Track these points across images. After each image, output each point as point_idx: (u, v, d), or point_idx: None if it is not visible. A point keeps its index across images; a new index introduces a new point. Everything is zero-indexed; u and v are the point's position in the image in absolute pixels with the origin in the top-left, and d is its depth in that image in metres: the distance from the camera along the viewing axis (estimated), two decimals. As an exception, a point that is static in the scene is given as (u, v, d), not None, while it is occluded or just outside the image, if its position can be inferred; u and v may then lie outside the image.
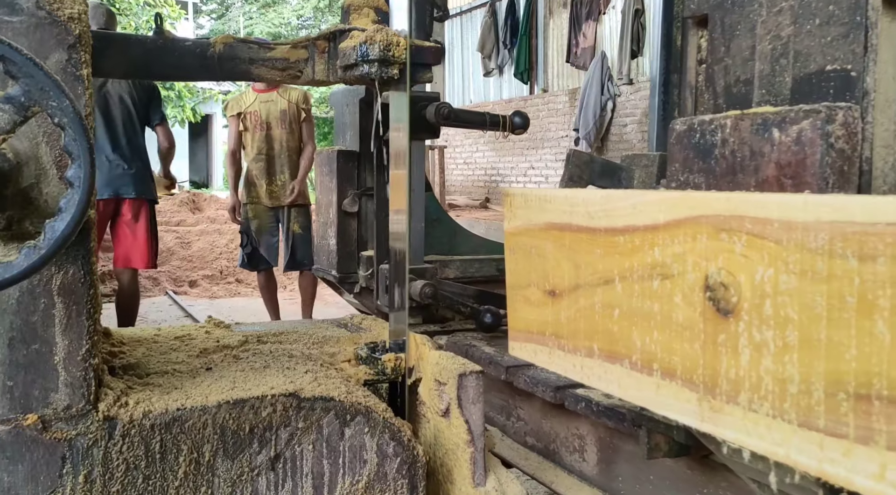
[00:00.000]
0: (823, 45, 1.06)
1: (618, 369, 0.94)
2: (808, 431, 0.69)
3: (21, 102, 0.92)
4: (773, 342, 0.72)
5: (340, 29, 1.78)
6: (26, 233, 1.13)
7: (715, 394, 0.79)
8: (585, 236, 0.99)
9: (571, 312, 1.03)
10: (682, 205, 0.82)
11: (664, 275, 0.85)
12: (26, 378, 1.15)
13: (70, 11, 1.15)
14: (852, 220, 0.64)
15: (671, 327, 0.84)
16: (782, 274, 0.71)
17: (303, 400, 1.36)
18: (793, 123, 0.92)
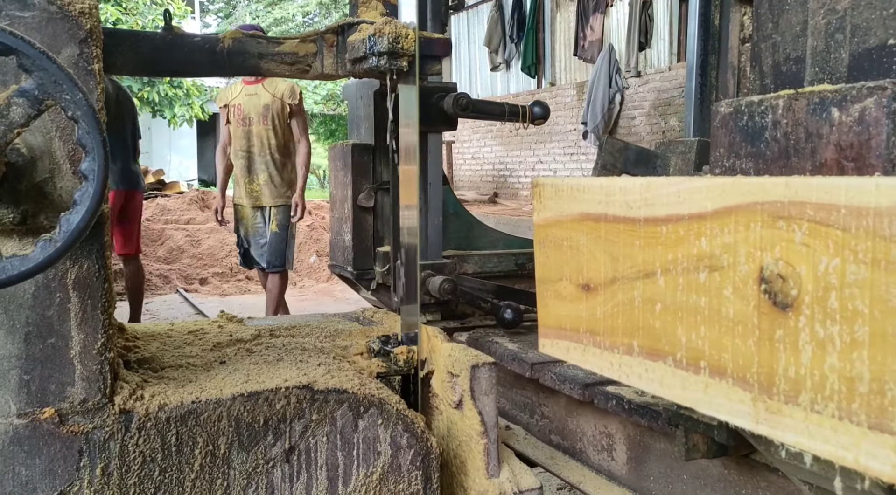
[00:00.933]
0: (886, 18, 0.99)
1: (660, 367, 0.89)
2: (881, 434, 0.65)
3: (35, 96, 0.92)
4: (840, 338, 0.68)
5: (349, 22, 1.78)
6: (41, 227, 1.14)
7: (772, 394, 0.75)
8: (623, 227, 0.94)
9: (608, 307, 0.99)
10: (734, 192, 0.78)
11: (713, 267, 0.81)
12: (43, 372, 1.16)
13: (81, 6, 1.15)
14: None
15: (721, 322, 0.80)
16: (850, 264, 0.66)
17: (316, 392, 1.36)
18: (855, 102, 0.86)
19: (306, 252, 7.68)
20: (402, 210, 1.73)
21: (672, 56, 8.95)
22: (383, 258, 2.30)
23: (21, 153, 1.07)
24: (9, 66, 1.11)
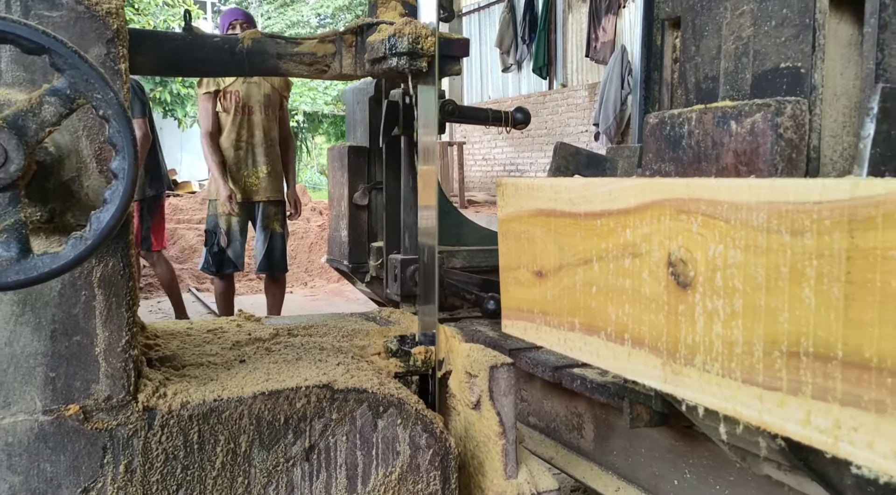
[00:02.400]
0: (778, 45, 1.17)
1: (596, 340, 1.03)
2: (750, 386, 0.78)
3: (67, 95, 0.93)
4: (723, 310, 0.81)
5: (368, 22, 1.79)
6: (68, 225, 1.14)
7: (676, 358, 0.88)
8: (568, 220, 1.08)
9: (556, 291, 1.12)
10: (650, 191, 0.91)
11: (634, 254, 0.94)
12: (68, 369, 1.17)
13: (108, 6, 1.16)
14: (786, 200, 0.73)
15: (640, 301, 0.94)
16: (730, 249, 0.80)
17: (336, 391, 1.36)
18: (747, 116, 1.02)
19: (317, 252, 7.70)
20: (420, 210, 1.74)
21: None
22: (376, 253, 2.41)
23: (49, 152, 1.08)
24: (37, 64, 1.12)
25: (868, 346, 0.66)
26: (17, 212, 0.94)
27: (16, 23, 0.89)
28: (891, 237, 0.63)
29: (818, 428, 0.71)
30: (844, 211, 0.67)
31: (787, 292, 0.73)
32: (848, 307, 0.67)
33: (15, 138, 0.92)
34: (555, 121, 11.17)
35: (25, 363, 1.15)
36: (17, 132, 0.93)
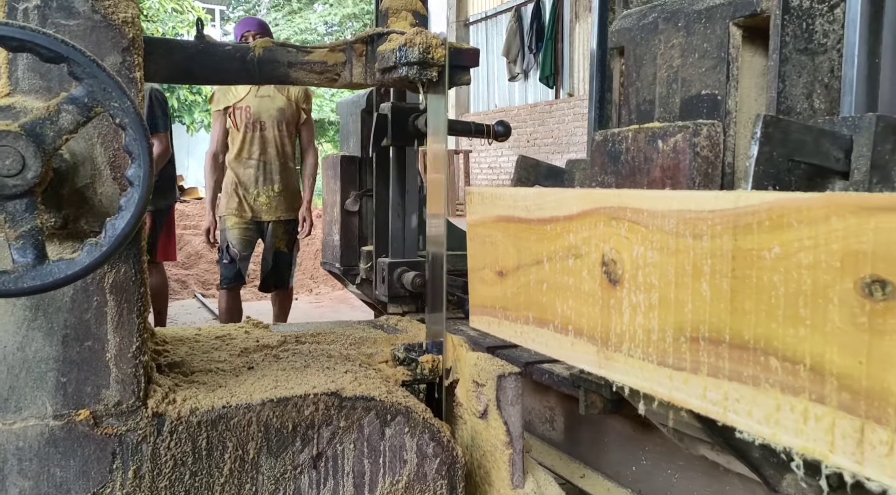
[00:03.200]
0: (700, 74, 1.34)
1: (546, 332, 1.15)
2: (663, 368, 0.90)
3: (84, 103, 0.94)
4: (643, 303, 0.93)
5: (378, 32, 1.80)
6: (81, 231, 1.15)
7: (608, 346, 1.01)
8: (525, 226, 1.20)
9: (514, 288, 1.24)
10: (589, 199, 1.04)
11: (577, 255, 1.07)
12: (79, 374, 1.18)
13: (124, 15, 1.17)
14: (689, 209, 0.85)
15: (581, 296, 1.06)
16: (649, 251, 0.92)
17: (344, 399, 1.37)
18: (671, 136, 1.15)
19: (323, 259, 7.71)
20: (429, 219, 1.74)
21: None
22: (366, 256, 2.51)
23: (64, 159, 1.09)
24: (53, 72, 1.14)
25: (747, 331, 0.78)
26: (33, 218, 0.95)
27: (35, 31, 0.90)
28: (764, 240, 0.76)
29: (712, 400, 0.84)
30: (730, 218, 0.80)
31: (690, 287, 0.86)
32: (733, 298, 0.80)
33: (33, 146, 0.93)
34: (561, 130, 11.19)
35: (37, 368, 1.16)
36: (35, 140, 0.94)
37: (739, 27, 1.28)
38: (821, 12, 1.17)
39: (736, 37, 1.27)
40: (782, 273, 0.74)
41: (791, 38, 1.16)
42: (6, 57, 1.11)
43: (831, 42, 1.18)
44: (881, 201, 0.65)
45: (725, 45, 1.27)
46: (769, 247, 0.75)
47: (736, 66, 1.27)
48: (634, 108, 1.46)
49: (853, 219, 0.67)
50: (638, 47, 1.46)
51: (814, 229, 0.71)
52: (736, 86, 1.27)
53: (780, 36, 1.16)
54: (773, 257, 0.75)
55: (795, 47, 1.16)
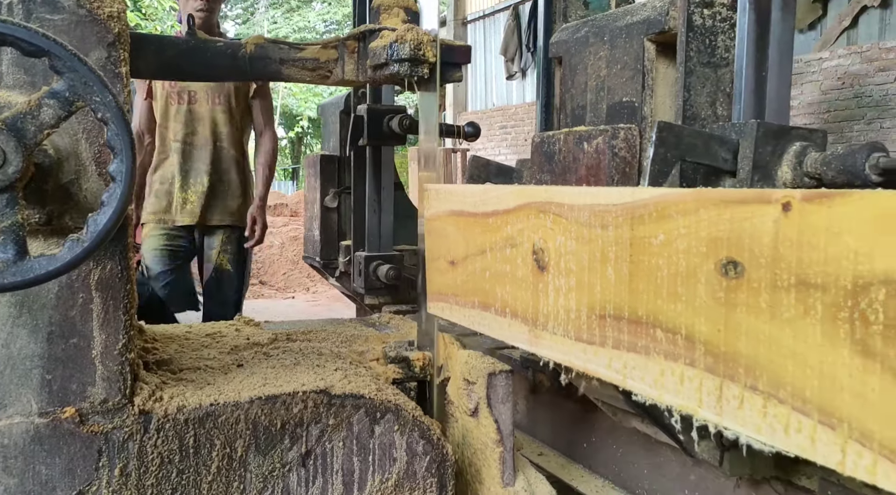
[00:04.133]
0: (622, 83, 1.49)
1: (489, 315, 1.25)
2: (579, 343, 1.01)
3: (66, 97, 0.93)
4: (564, 286, 1.04)
5: (370, 29, 1.79)
6: (66, 227, 1.15)
7: (537, 325, 1.11)
8: (472, 219, 1.30)
9: (464, 276, 1.34)
10: (523, 195, 1.13)
11: (513, 245, 1.16)
12: (64, 372, 1.17)
13: (110, 10, 1.16)
14: (599, 203, 0.95)
15: (516, 282, 1.16)
16: (568, 240, 1.02)
17: (333, 397, 1.36)
18: (593, 139, 1.29)
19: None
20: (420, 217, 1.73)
21: (689, 67, 8.93)
22: (345, 250, 2.62)
23: (48, 154, 1.08)
24: (38, 67, 1.13)
25: (641, 307, 0.89)
26: (14, 213, 0.94)
27: (16, 25, 0.89)
28: (652, 229, 0.87)
29: (615, 369, 0.95)
30: (628, 210, 0.90)
31: (599, 271, 0.96)
32: (631, 280, 0.90)
33: (13, 140, 0.92)
34: (559, 128, 11.17)
35: (22, 365, 1.15)
36: (16, 134, 0.93)
37: (653, 42, 1.44)
38: (722, 30, 1.30)
39: (650, 51, 1.44)
40: (665, 257, 0.85)
41: (695, 53, 1.29)
42: (-10, 52, 1.11)
43: (732, 56, 1.30)
44: (734, 195, 0.76)
45: (641, 58, 1.44)
46: (656, 235, 0.87)
47: (651, 76, 1.44)
48: (570, 113, 1.62)
49: (715, 210, 0.78)
50: (572, 58, 1.64)
51: (688, 219, 0.82)
52: (651, 94, 1.43)
53: (686, 51, 1.29)
54: (659, 244, 0.86)
55: (699, 61, 1.29)
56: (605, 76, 1.52)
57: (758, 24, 1.18)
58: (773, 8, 1.17)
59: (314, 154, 2.74)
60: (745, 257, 0.74)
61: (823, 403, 0.67)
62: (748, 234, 0.74)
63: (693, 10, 1.27)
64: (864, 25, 6.82)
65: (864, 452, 0.65)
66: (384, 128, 2.28)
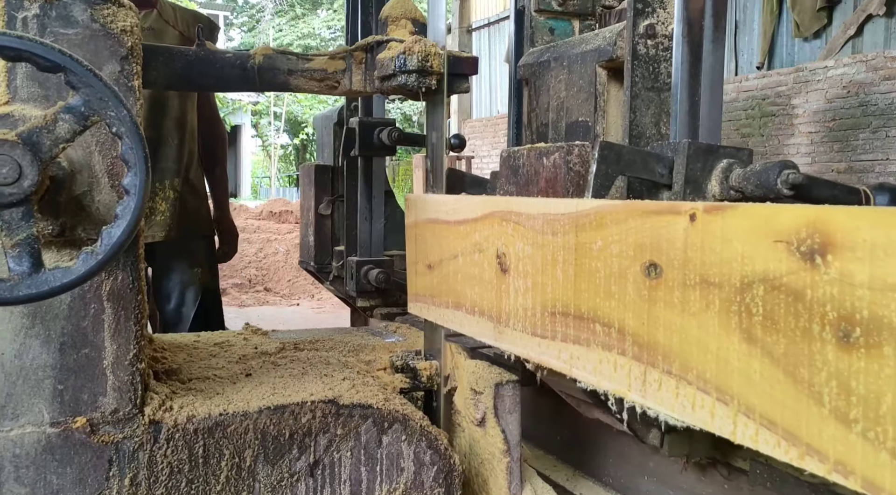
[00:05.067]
0: (578, 105, 1.64)
1: (461, 314, 1.36)
2: (535, 337, 1.11)
3: (81, 112, 0.94)
4: (522, 286, 1.14)
5: (378, 40, 1.80)
6: (78, 239, 1.16)
7: (500, 322, 1.21)
8: (446, 226, 1.41)
9: (439, 279, 1.45)
10: (488, 205, 1.25)
11: (480, 250, 1.27)
12: (76, 382, 1.18)
13: (123, 24, 1.18)
14: (550, 212, 1.06)
15: (483, 283, 1.26)
16: (526, 246, 1.12)
17: (341, 406, 1.37)
18: (552, 154, 1.37)
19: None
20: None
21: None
22: (338, 255, 2.72)
23: (62, 167, 1.10)
24: (51, 81, 1.14)
25: (583, 305, 1.00)
26: (29, 226, 0.95)
27: (33, 41, 0.90)
28: (592, 236, 0.97)
29: (563, 360, 1.05)
30: (574, 219, 1.01)
31: (550, 273, 1.07)
32: (575, 281, 1.01)
33: (30, 154, 0.94)
34: (563, 136, 11.18)
35: (34, 375, 1.16)
36: (32, 148, 0.94)
37: (604, 68, 1.59)
38: (664, 58, 1.42)
39: (602, 76, 1.59)
40: (602, 260, 0.96)
41: (640, 79, 1.41)
42: (5, 66, 1.12)
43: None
44: (654, 207, 0.88)
45: (594, 82, 1.59)
46: (595, 241, 0.97)
47: (603, 99, 1.59)
48: (535, 130, 1.78)
49: (640, 220, 0.89)
50: (537, 80, 1.78)
51: (619, 228, 0.93)
52: (603, 114, 1.59)
53: (631, 77, 1.40)
54: (597, 249, 0.97)
55: (644, 86, 1.41)
56: (564, 97, 1.69)
57: (691, 54, 1.30)
58: (705, 40, 1.30)
59: (309, 164, 2.86)
60: (663, 260, 0.86)
61: (719, 383, 0.78)
62: (665, 240, 0.85)
63: (637, 40, 1.40)
64: (869, 34, 6.83)
65: (749, 423, 0.75)
66: (374, 140, 2.41)
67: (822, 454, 0.68)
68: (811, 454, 0.69)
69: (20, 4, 1.12)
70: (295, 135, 24.40)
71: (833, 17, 7.33)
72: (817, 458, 0.69)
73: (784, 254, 0.71)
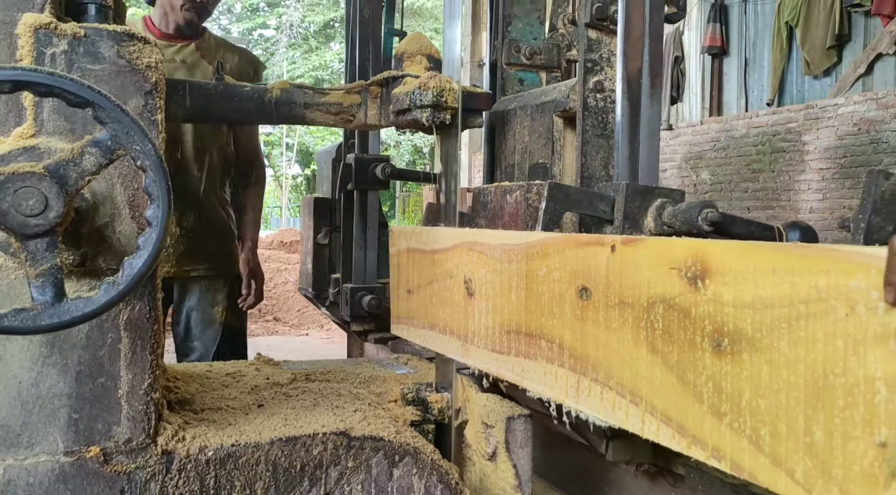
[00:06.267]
0: (538, 148, 1.85)
1: (434, 334, 1.50)
2: (494, 353, 1.25)
3: (108, 146, 0.97)
4: (485, 308, 1.28)
5: (393, 75, 1.84)
6: (98, 269, 1.17)
7: (467, 341, 1.35)
8: (423, 255, 1.55)
9: (417, 302, 1.59)
10: (458, 236, 1.39)
11: (451, 276, 1.41)
12: (91, 411, 1.19)
13: (148, 60, 1.21)
14: (506, 243, 1.20)
15: (454, 306, 1.40)
16: (488, 273, 1.26)
17: (353, 439, 1.37)
18: (513, 192, 1.50)
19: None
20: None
21: (704, 110, 9.00)
22: (334, 282, 2.87)
23: (85, 198, 1.12)
24: (77, 114, 1.17)
25: (532, 324, 1.12)
26: (53, 257, 0.97)
27: (64, 78, 0.93)
28: (539, 264, 1.11)
29: (516, 372, 1.17)
30: (525, 250, 1.15)
31: (507, 297, 1.20)
32: (527, 303, 1.14)
33: (56, 186, 0.96)
34: (572, 168, 11.22)
35: (50, 404, 1.17)
36: (59, 181, 0.96)
37: (561, 117, 1.79)
38: (612, 109, 1.58)
39: (559, 123, 1.80)
40: (547, 285, 1.09)
41: (590, 127, 1.57)
42: (33, 99, 1.15)
43: (618, 130, 1.64)
44: (586, 239, 1.02)
45: (552, 129, 1.80)
46: (541, 269, 1.10)
47: (559, 144, 1.80)
48: (503, 170, 1.98)
49: (575, 250, 1.03)
50: (505, 126, 1.97)
51: (560, 257, 1.06)
52: (560, 157, 1.79)
53: (583, 125, 1.57)
54: (543, 275, 1.10)
55: (594, 133, 1.57)
56: (527, 142, 1.90)
57: (630, 107, 1.46)
58: (643, 96, 1.47)
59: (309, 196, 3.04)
60: (591, 284, 0.99)
61: (632, 387, 0.92)
62: (593, 268, 0.99)
63: (588, 94, 1.58)
64: (879, 72, 6.88)
65: (653, 420, 0.89)
66: (369, 175, 2.59)
67: (703, 443, 0.82)
68: (696, 443, 0.83)
69: (49, 41, 1.15)
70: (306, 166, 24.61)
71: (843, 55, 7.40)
72: (700, 446, 0.82)
73: (676, 278, 0.85)
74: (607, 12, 1.56)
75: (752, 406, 0.75)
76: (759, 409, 0.74)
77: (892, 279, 0.62)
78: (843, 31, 7.29)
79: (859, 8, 7.05)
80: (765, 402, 0.74)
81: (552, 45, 2.17)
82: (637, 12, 1.44)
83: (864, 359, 0.66)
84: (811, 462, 0.70)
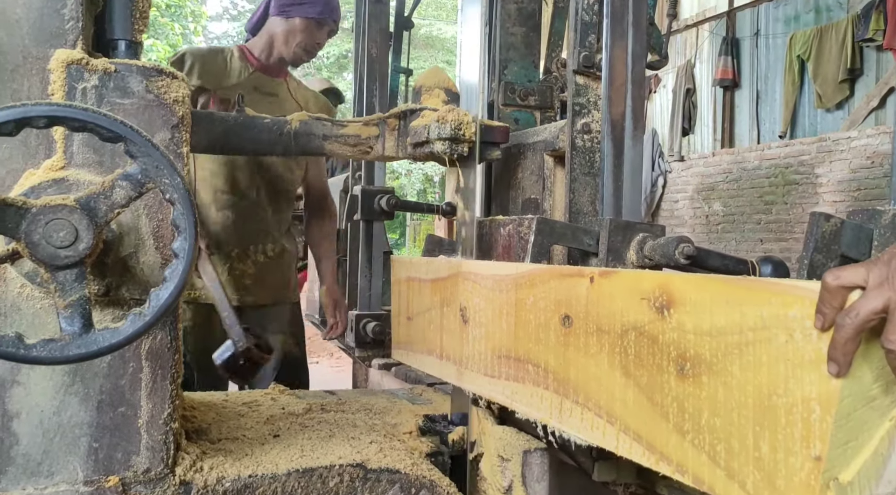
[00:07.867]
0: (530, 185, 1.95)
1: (432, 359, 1.57)
2: (486, 377, 1.32)
3: (138, 179, 0.99)
4: (479, 335, 1.34)
5: (411, 108, 1.86)
6: (122, 299, 1.19)
7: (462, 365, 1.41)
8: (422, 284, 1.63)
9: (416, 329, 1.67)
10: (454, 267, 1.48)
11: (448, 304, 1.48)
12: (111, 440, 1.19)
13: (175, 95, 1.24)
14: (498, 274, 1.29)
15: (451, 332, 1.46)
16: (481, 301, 1.34)
17: (369, 471, 1.36)
18: (507, 225, 1.57)
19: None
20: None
21: (716, 142, 9.02)
22: None
23: (112, 229, 1.14)
24: (106, 147, 1.20)
25: (521, 349, 1.20)
26: (82, 288, 0.98)
27: (97, 113, 0.96)
28: (527, 293, 1.18)
29: (506, 395, 1.25)
30: (514, 280, 1.23)
31: (498, 323, 1.27)
32: (516, 329, 1.22)
33: (86, 219, 0.98)
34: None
35: (71, 433, 1.17)
36: (89, 213, 0.98)
37: (551, 156, 1.88)
38: (598, 149, 1.66)
39: (549, 162, 1.89)
40: (534, 313, 1.16)
41: (578, 165, 1.65)
42: (63, 132, 1.18)
43: (604, 169, 1.77)
44: (568, 271, 1.10)
45: (543, 167, 1.91)
46: (529, 298, 1.18)
47: (550, 181, 1.90)
48: (500, 204, 2.11)
49: (559, 281, 1.10)
50: (501, 164, 2.10)
51: (545, 287, 1.14)
52: (550, 193, 1.89)
53: (571, 164, 1.65)
54: (531, 304, 1.17)
55: (581, 171, 1.65)
56: (520, 178, 2.01)
57: (614, 148, 1.54)
58: (626, 137, 1.54)
59: None
60: (573, 312, 1.06)
61: (608, 408, 0.99)
62: (574, 297, 1.06)
63: (576, 135, 1.66)
64: (891, 106, 6.89)
65: (626, 438, 0.95)
66: (375, 206, 2.64)
67: (669, 459, 0.88)
68: (663, 460, 0.89)
69: (80, 76, 1.18)
70: (318, 193, 24.79)
71: (855, 89, 7.42)
72: (666, 462, 0.89)
73: (646, 307, 0.92)
74: (593, 60, 1.65)
75: (710, 424, 0.83)
76: (716, 427, 0.82)
77: (822, 309, 0.69)
78: (856, 66, 7.32)
79: (871, 42, 7.08)
80: (720, 421, 0.81)
81: (546, 87, 2.26)
82: (620, 61, 1.53)
83: (802, 381, 0.73)
84: (759, 474, 0.77)
